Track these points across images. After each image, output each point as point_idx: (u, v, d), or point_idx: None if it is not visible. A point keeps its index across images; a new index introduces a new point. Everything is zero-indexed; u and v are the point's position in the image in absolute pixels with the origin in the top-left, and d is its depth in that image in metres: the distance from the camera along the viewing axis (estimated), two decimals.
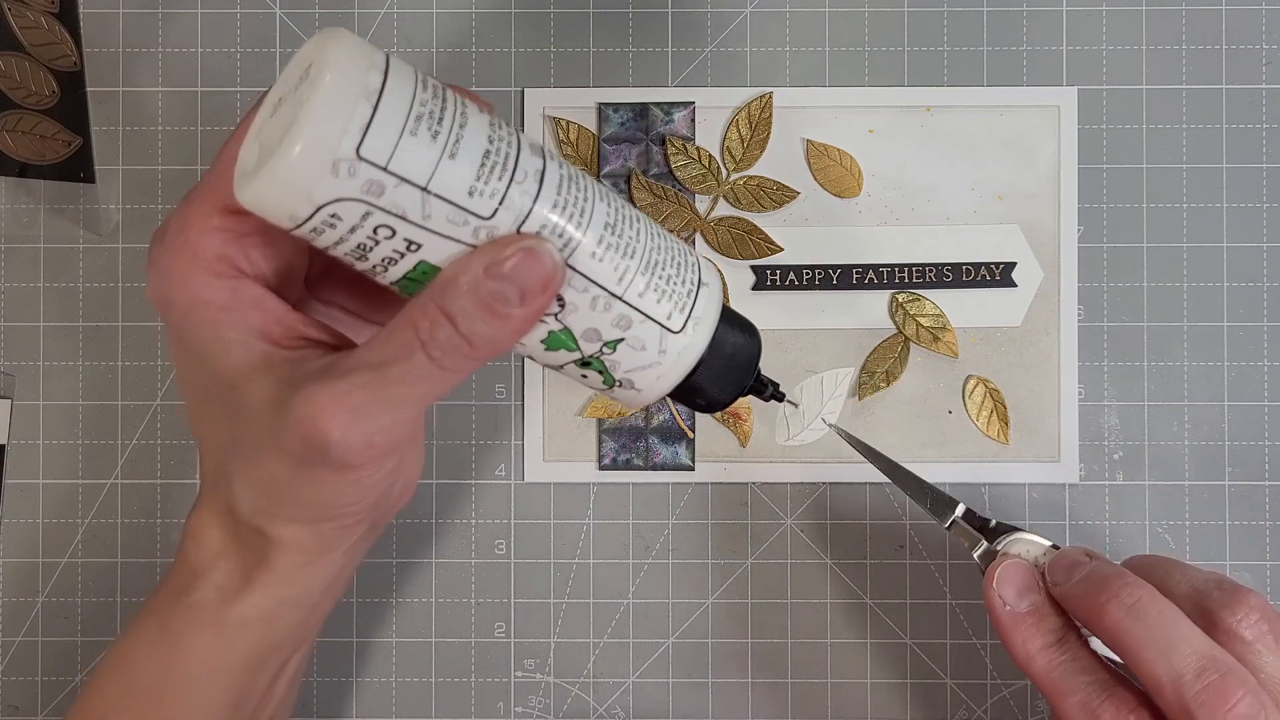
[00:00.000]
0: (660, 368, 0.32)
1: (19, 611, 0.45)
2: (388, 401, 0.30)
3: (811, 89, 0.45)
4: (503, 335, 0.30)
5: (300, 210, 0.28)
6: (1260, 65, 0.46)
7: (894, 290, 0.45)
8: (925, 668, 0.45)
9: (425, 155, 0.28)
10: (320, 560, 0.34)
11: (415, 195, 0.28)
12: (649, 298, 0.32)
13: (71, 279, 0.45)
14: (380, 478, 0.32)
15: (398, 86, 0.28)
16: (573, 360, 0.32)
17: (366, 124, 0.27)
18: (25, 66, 0.43)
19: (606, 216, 0.31)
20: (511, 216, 0.29)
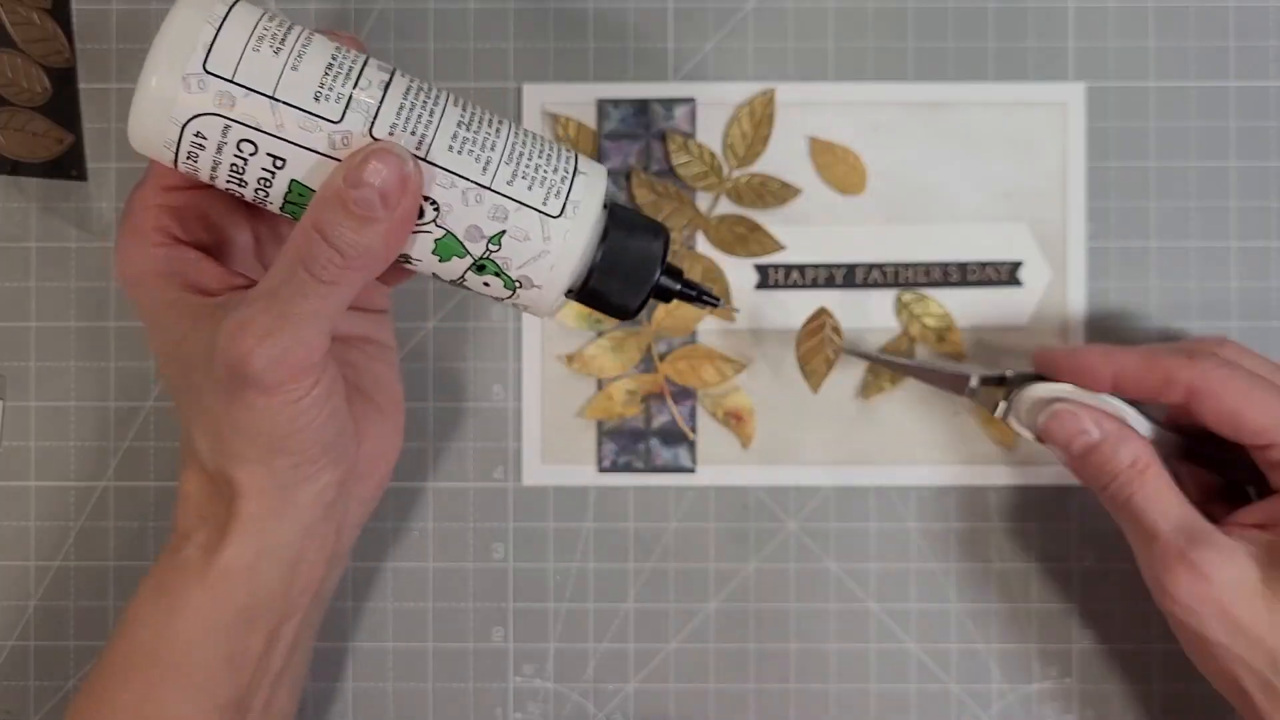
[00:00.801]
0: (550, 256, 0.33)
1: (11, 616, 0.45)
2: (285, 320, 0.32)
3: (815, 85, 0.45)
4: (374, 242, 0.32)
5: (169, 133, 0.32)
6: (1269, 61, 0.45)
7: (899, 289, 0.45)
8: (929, 673, 0.45)
9: (268, 66, 0.31)
10: (284, 505, 0.35)
11: (264, 103, 0.31)
12: (519, 185, 0.33)
13: (63, 279, 0.45)
14: (310, 401, 0.33)
15: (241, 15, 0.32)
16: (468, 268, 0.34)
17: (210, 42, 0.31)
18: (17, 63, 0.43)
19: (460, 115, 0.33)
20: (360, 119, 0.32)
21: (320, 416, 0.34)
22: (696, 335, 0.45)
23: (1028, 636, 0.45)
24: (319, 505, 0.36)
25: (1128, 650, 0.45)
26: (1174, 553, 0.38)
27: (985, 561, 0.45)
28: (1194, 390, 0.38)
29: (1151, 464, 0.39)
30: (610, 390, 0.45)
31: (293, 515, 0.36)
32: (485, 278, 0.34)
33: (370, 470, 0.38)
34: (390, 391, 0.40)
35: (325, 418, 0.34)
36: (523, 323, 0.45)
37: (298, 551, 0.36)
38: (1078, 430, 0.39)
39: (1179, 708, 0.45)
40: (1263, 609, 0.36)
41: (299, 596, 0.37)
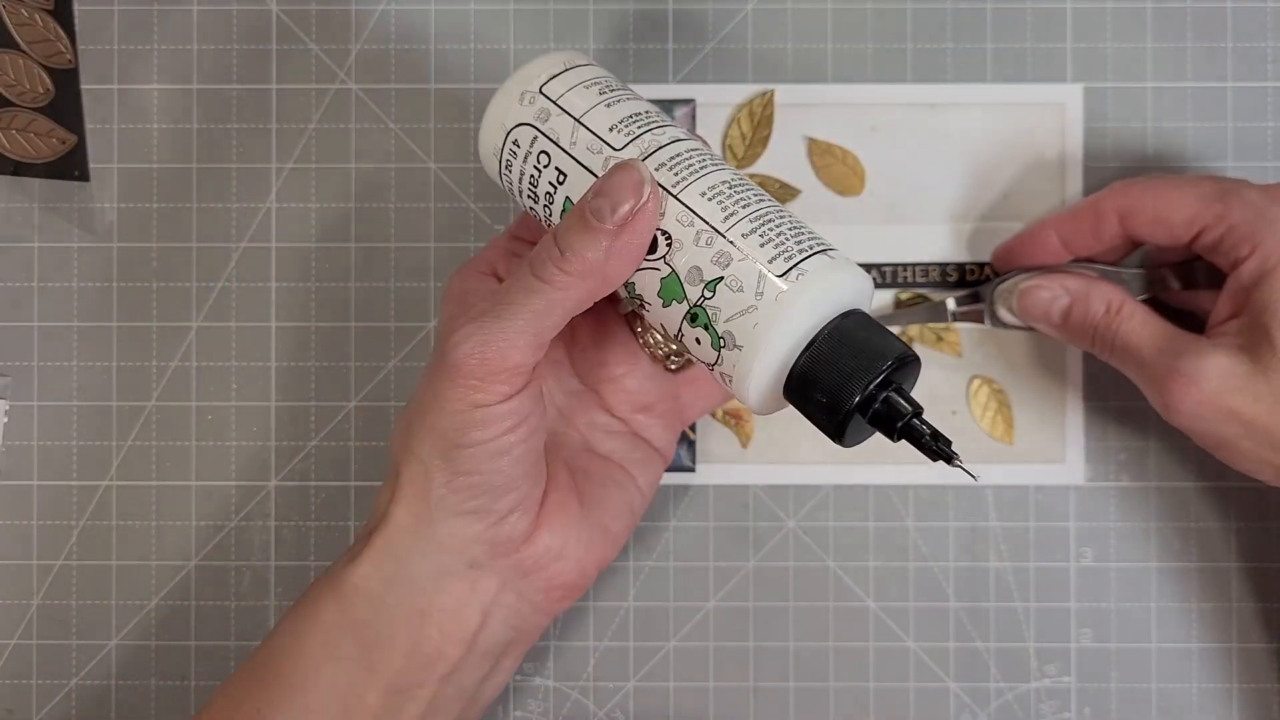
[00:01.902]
0: (757, 312, 0.31)
1: (13, 615, 0.45)
2: (496, 311, 0.33)
3: (814, 86, 0.45)
4: (595, 250, 0.32)
5: (498, 139, 0.35)
6: (1266, 62, 0.45)
7: (897, 289, 0.45)
8: (928, 671, 0.45)
9: (587, 99, 0.35)
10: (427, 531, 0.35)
11: (569, 122, 0.34)
12: (752, 240, 0.32)
13: (66, 279, 0.45)
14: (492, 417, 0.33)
15: (591, 68, 0.36)
16: (684, 315, 0.33)
17: (554, 75, 0.35)
18: (20, 64, 0.43)
19: (731, 178, 0.33)
20: (637, 152, 0.33)
21: (495, 443, 0.33)
22: None
23: (1026, 635, 0.45)
24: (461, 553, 0.35)
25: (1126, 649, 0.45)
26: (1164, 370, 0.39)
27: (984, 560, 0.45)
28: (1121, 212, 0.40)
29: (1125, 302, 0.40)
30: None
31: (429, 548, 0.35)
32: (697, 331, 0.33)
33: (538, 566, 0.36)
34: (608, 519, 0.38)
35: (498, 451, 0.34)
36: None
37: (427, 599, 0.35)
38: (1050, 299, 0.41)
39: (1178, 707, 0.45)
40: (1264, 393, 0.37)
41: (424, 662, 0.35)
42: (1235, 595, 0.45)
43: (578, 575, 0.37)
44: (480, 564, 0.35)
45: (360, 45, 0.45)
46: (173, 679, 0.45)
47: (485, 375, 0.33)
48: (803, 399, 0.32)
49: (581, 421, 0.39)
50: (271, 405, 0.45)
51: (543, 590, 0.36)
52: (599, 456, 0.39)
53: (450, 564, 0.35)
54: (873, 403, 0.31)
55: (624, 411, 0.39)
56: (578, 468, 0.38)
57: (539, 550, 0.36)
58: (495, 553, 0.35)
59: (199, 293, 0.45)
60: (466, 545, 0.35)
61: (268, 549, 0.45)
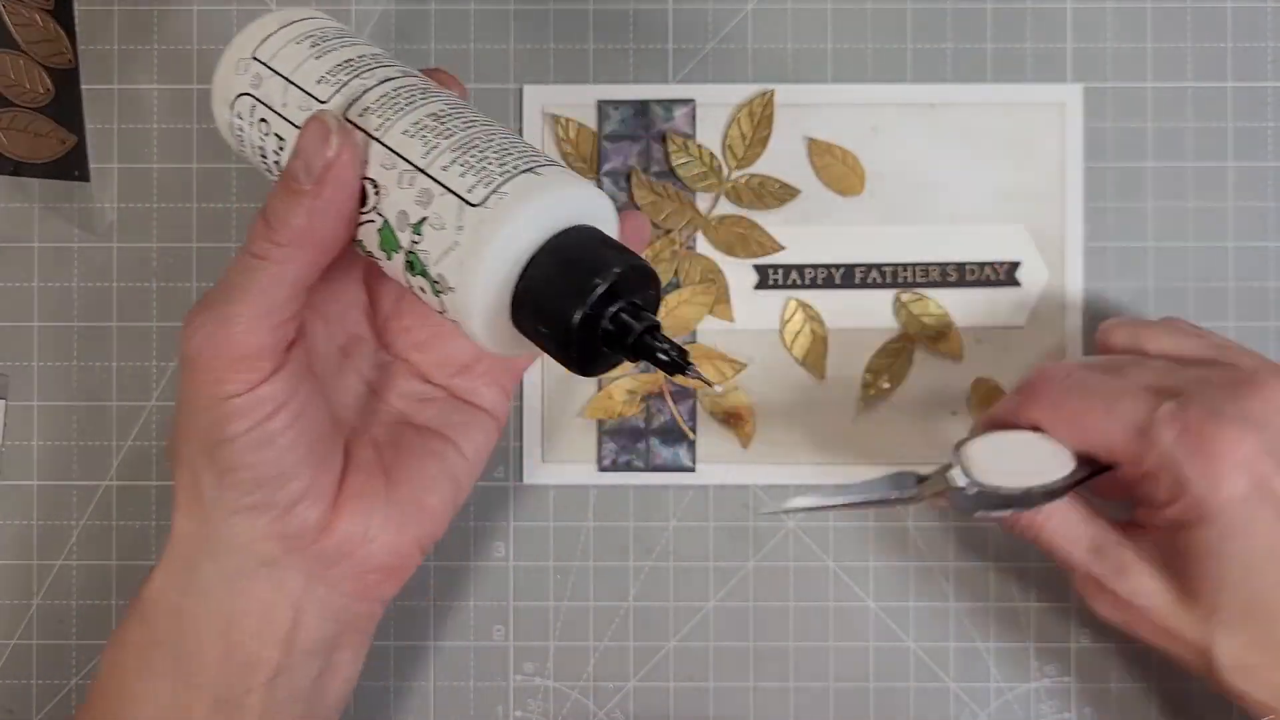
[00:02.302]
0: (460, 248, 0.29)
1: (13, 615, 0.45)
2: (222, 297, 0.32)
3: (813, 86, 0.45)
4: (299, 214, 0.31)
5: (225, 115, 0.34)
6: (1266, 63, 0.45)
7: (897, 289, 0.45)
8: (928, 671, 0.45)
9: (297, 56, 0.33)
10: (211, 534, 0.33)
11: (280, 83, 0.33)
12: (453, 170, 0.30)
13: (66, 279, 0.45)
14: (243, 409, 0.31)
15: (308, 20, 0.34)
16: (405, 268, 0.31)
17: (267, 37, 0.34)
18: (20, 64, 0.43)
19: (441, 109, 0.32)
20: (343, 101, 0.32)
21: (259, 432, 0.32)
22: (696, 335, 0.45)
23: (1026, 635, 0.45)
24: (251, 556, 0.33)
25: (1126, 648, 0.45)
26: (1092, 584, 0.38)
27: (983, 560, 0.45)
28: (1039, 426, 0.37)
29: None
30: (610, 390, 0.45)
31: (217, 552, 0.33)
32: (418, 280, 0.31)
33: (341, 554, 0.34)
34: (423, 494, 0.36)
35: (264, 439, 0.32)
36: None
37: (228, 605, 0.34)
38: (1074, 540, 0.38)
39: (1177, 706, 0.45)
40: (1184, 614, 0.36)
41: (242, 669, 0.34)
42: None
43: (391, 557, 0.35)
44: (276, 560, 0.33)
45: None
46: None
47: (224, 365, 0.31)
48: (531, 330, 0.30)
49: (394, 394, 0.37)
50: None
51: (355, 578, 0.35)
52: (414, 428, 0.36)
53: (243, 565, 0.33)
54: (599, 322, 0.29)
55: (441, 377, 0.37)
56: (387, 443, 0.36)
57: (339, 538, 0.34)
58: (290, 547, 0.33)
59: (199, 293, 0.45)
60: (255, 543, 0.33)
61: None
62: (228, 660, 0.34)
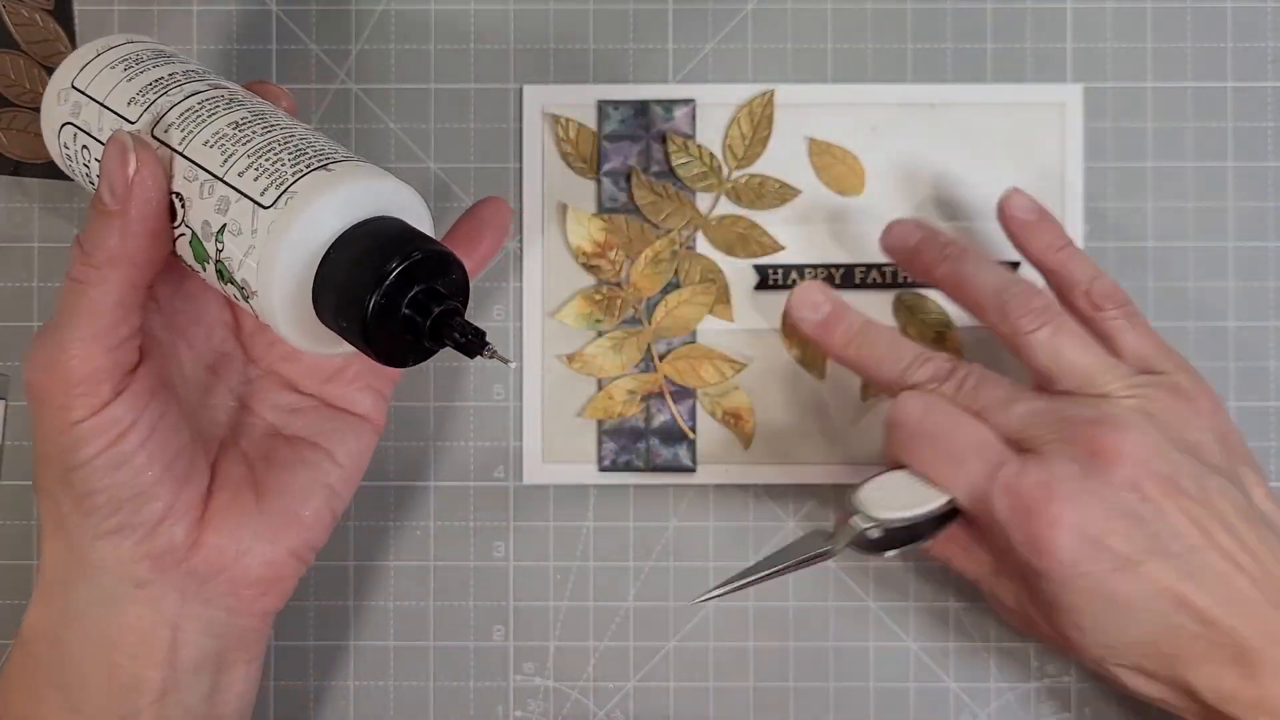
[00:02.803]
0: (256, 250, 0.29)
1: (13, 615, 0.45)
2: (53, 323, 0.32)
3: (814, 86, 0.45)
4: (109, 234, 0.31)
5: (54, 145, 0.35)
6: (1266, 63, 0.45)
7: (897, 289, 0.45)
8: (928, 671, 0.45)
9: (110, 80, 0.34)
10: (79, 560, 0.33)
11: (95, 109, 0.33)
12: (248, 176, 0.30)
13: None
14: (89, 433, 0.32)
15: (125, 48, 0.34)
16: (216, 276, 0.31)
17: (84, 64, 0.34)
18: (20, 64, 0.43)
19: (241, 117, 0.32)
20: (149, 119, 0.32)
21: (110, 454, 0.32)
22: (696, 335, 0.45)
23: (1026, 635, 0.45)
24: (122, 578, 0.33)
25: None
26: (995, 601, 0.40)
27: None
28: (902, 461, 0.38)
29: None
30: (610, 390, 0.45)
31: (88, 577, 0.33)
32: (230, 289, 0.31)
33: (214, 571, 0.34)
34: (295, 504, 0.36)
35: (117, 461, 0.32)
36: (523, 323, 0.45)
37: (105, 627, 0.34)
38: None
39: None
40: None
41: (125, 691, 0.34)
42: None
43: (267, 569, 0.35)
44: (147, 581, 0.34)
45: (360, 45, 0.45)
46: None
47: (64, 391, 0.31)
48: (334, 325, 0.30)
49: (265, 407, 0.37)
50: None
51: (231, 593, 0.35)
52: (285, 439, 0.37)
53: (114, 588, 0.34)
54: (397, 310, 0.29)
55: (312, 386, 0.37)
56: (258, 456, 0.36)
57: (210, 554, 0.34)
58: (160, 566, 0.34)
59: None
60: (123, 565, 0.33)
61: None
62: (111, 683, 0.34)
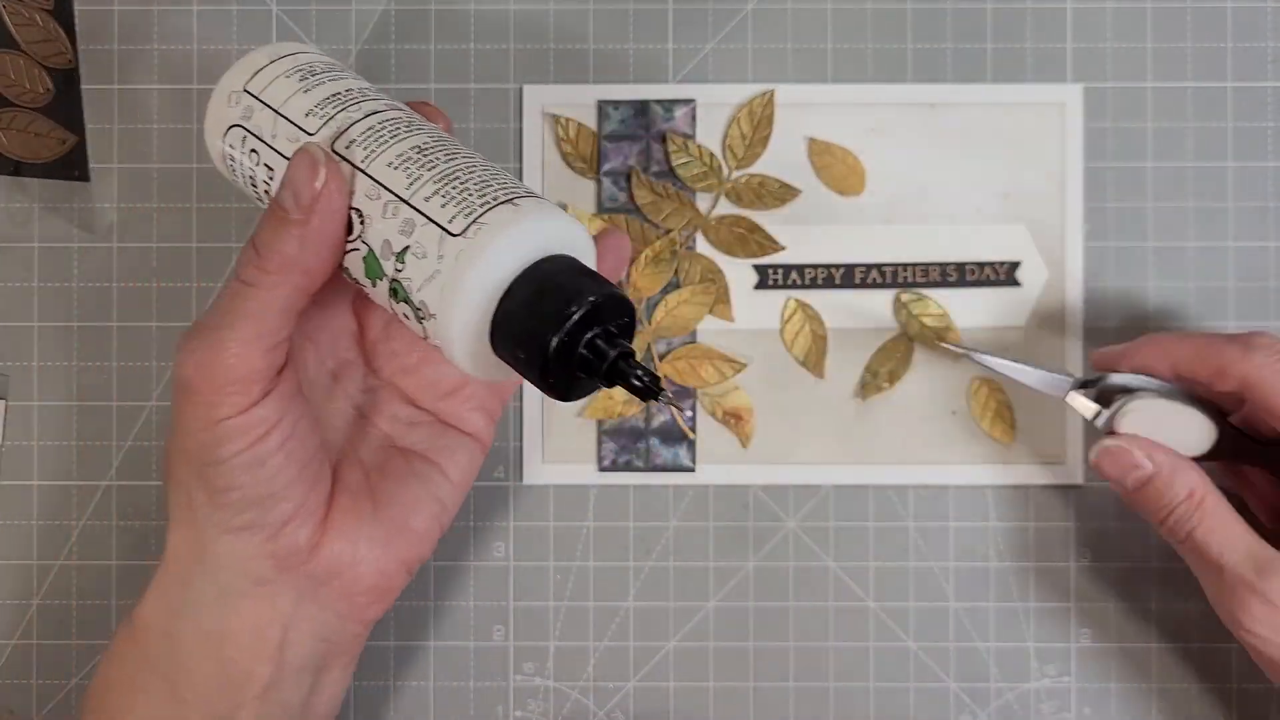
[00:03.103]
0: (441, 276, 0.30)
1: (13, 615, 0.45)
2: (210, 322, 0.32)
3: (814, 86, 0.45)
4: (288, 242, 0.31)
5: (218, 145, 0.35)
6: (1266, 63, 0.45)
7: (897, 289, 0.45)
8: (928, 671, 0.45)
9: (287, 89, 0.34)
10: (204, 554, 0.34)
11: (270, 115, 0.34)
12: (434, 202, 0.31)
13: (66, 279, 0.45)
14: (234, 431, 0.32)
15: (297, 56, 0.35)
16: (389, 295, 0.32)
17: (257, 70, 0.35)
18: (20, 64, 0.43)
19: (424, 142, 0.33)
20: (330, 133, 0.33)
21: (251, 453, 0.32)
22: (696, 335, 0.45)
23: (1026, 635, 0.45)
24: (244, 575, 0.34)
25: (1126, 649, 0.45)
26: (1244, 585, 0.37)
27: (983, 560, 0.45)
28: (1246, 382, 0.38)
29: (1209, 494, 0.38)
30: (610, 390, 0.45)
31: (211, 572, 0.34)
32: (401, 306, 0.32)
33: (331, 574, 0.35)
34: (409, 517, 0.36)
35: (256, 460, 0.33)
36: None
37: (220, 624, 0.34)
38: (1130, 465, 0.39)
39: (1177, 706, 0.45)
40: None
41: (233, 684, 0.34)
42: None
43: (378, 578, 0.36)
44: (269, 579, 0.34)
45: (360, 45, 0.45)
46: None
47: (216, 389, 0.32)
48: (509, 356, 0.31)
49: (382, 417, 0.38)
50: None
51: (345, 598, 0.35)
52: (400, 451, 0.37)
53: (235, 583, 0.34)
54: (575, 349, 0.30)
55: (428, 401, 0.38)
56: (374, 466, 0.37)
57: (329, 558, 0.35)
58: (282, 566, 0.34)
59: (199, 293, 0.45)
60: (247, 562, 0.34)
61: None
62: (220, 676, 0.34)
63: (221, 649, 0.34)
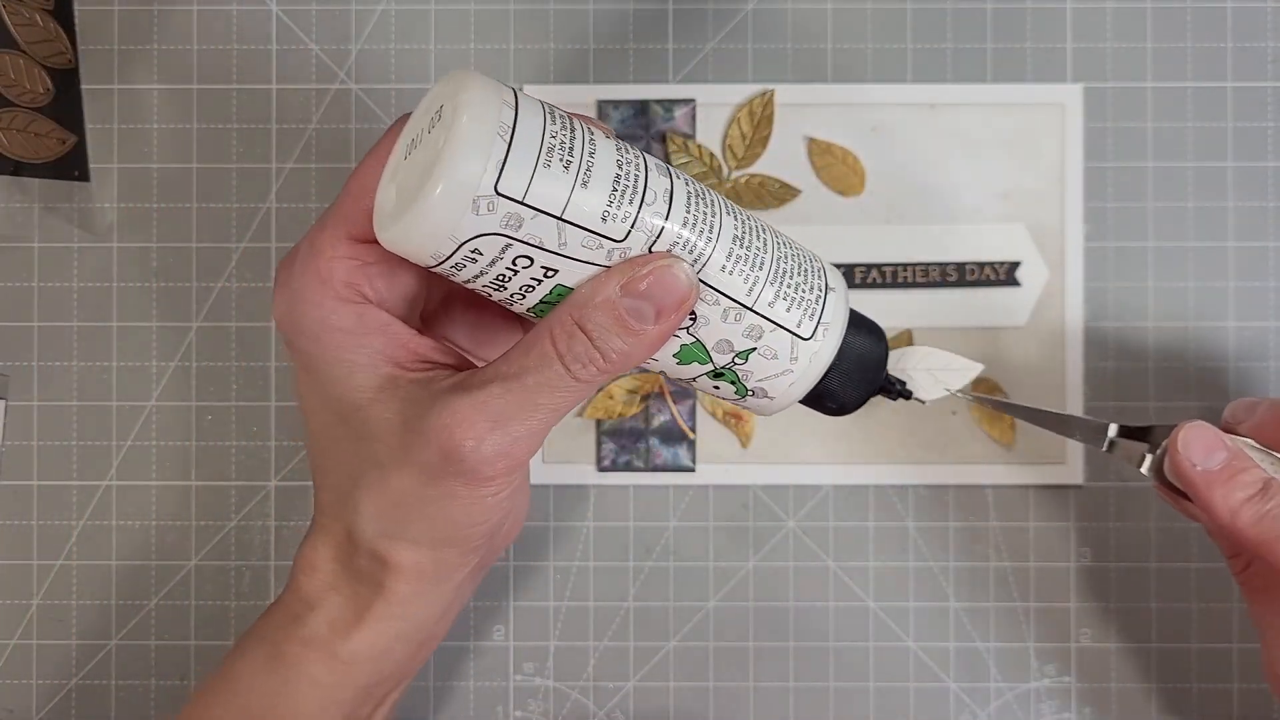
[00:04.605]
0: (793, 375, 0.33)
1: (13, 615, 0.45)
2: (523, 410, 0.31)
3: (814, 86, 0.45)
4: (637, 350, 0.31)
5: (443, 249, 0.29)
6: (1265, 63, 0.45)
7: (897, 289, 0.45)
8: (928, 671, 0.45)
9: (559, 186, 0.29)
10: (434, 591, 0.35)
11: (552, 225, 0.29)
12: (779, 306, 0.32)
13: (66, 279, 0.45)
14: (505, 495, 0.33)
15: (529, 121, 0.29)
16: (705, 372, 0.33)
17: (503, 160, 0.28)
18: (20, 64, 0.43)
19: (734, 230, 0.32)
20: (644, 237, 0.30)
21: (505, 508, 0.33)
22: None
23: (1026, 635, 0.45)
24: (459, 591, 0.36)
25: (1126, 648, 0.45)
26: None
27: (983, 560, 0.45)
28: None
29: None
30: (610, 390, 0.45)
31: (437, 598, 0.35)
32: (720, 383, 0.34)
33: (506, 538, 0.38)
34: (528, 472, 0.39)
35: (504, 515, 0.34)
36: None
37: (430, 632, 0.36)
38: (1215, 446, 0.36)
39: (1177, 706, 0.45)
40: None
41: (415, 667, 0.37)
42: (1235, 595, 0.45)
43: (518, 529, 0.38)
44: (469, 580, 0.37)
45: (360, 45, 0.45)
46: (172, 679, 0.45)
47: (506, 471, 0.32)
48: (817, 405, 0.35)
49: None
50: (271, 405, 0.45)
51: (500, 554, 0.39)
52: None
53: (454, 598, 0.36)
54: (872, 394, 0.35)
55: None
56: None
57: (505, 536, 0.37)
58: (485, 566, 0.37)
59: (199, 293, 0.45)
60: (468, 579, 0.36)
61: (267, 549, 0.45)
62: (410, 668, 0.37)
63: (422, 648, 0.37)
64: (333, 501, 0.34)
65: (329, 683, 0.35)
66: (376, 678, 0.36)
